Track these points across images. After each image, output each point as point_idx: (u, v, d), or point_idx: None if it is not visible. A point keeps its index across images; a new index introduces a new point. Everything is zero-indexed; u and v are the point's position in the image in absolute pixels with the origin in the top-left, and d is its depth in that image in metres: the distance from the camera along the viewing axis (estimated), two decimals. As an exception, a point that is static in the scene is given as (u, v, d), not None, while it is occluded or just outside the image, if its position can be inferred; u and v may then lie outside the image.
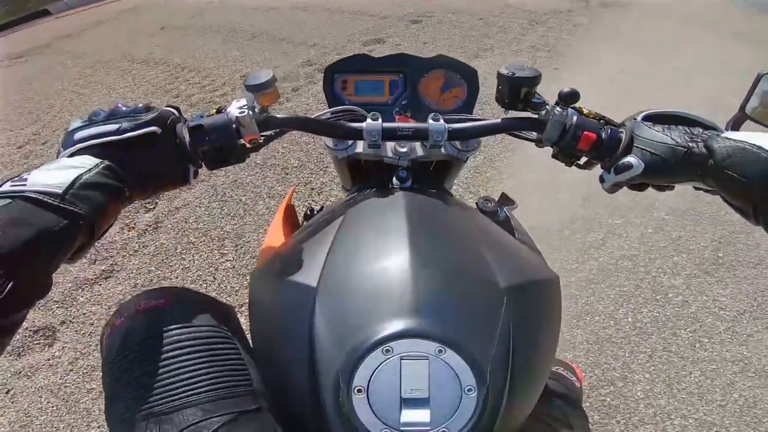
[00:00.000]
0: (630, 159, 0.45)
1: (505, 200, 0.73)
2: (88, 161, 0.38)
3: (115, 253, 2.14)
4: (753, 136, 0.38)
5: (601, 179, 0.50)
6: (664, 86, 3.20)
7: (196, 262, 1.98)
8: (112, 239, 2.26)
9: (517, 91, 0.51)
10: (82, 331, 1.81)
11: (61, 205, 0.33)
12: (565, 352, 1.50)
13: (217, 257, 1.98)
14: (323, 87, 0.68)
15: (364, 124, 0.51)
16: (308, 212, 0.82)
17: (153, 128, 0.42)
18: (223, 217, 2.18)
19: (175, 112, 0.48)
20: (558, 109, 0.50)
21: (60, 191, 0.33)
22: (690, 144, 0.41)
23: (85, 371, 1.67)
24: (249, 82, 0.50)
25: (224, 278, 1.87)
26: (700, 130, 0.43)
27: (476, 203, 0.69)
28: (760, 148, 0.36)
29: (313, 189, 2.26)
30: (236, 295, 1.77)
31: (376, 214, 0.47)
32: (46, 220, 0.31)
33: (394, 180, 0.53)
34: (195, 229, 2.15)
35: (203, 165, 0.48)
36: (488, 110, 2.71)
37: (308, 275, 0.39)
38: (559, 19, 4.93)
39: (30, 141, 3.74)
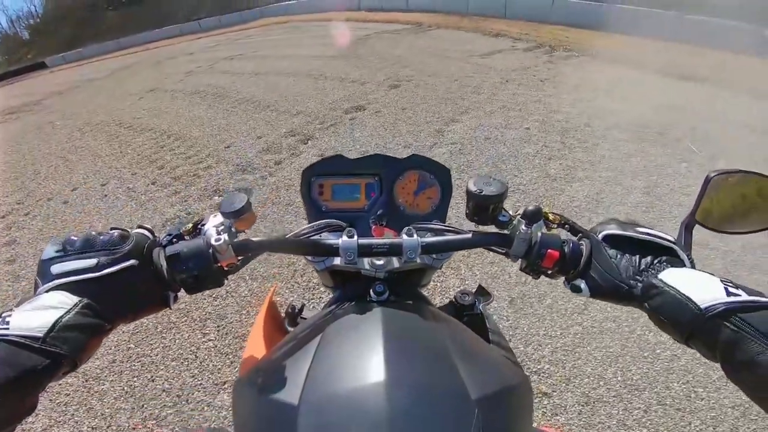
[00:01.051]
0: (581, 284, 0.48)
1: (482, 293, 0.71)
2: (67, 300, 0.38)
3: None
4: (689, 278, 0.40)
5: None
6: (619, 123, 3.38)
7: (177, 341, 1.95)
8: None
9: (485, 207, 0.53)
10: (56, 401, 1.75)
11: (43, 347, 0.34)
12: None
13: (199, 337, 1.95)
14: (300, 191, 0.69)
15: (339, 242, 0.51)
16: (290, 310, 0.80)
17: (131, 262, 0.42)
18: (204, 299, 2.14)
19: (149, 235, 0.48)
20: (523, 227, 0.50)
21: (41, 334, 0.34)
22: (631, 282, 0.44)
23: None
24: (224, 208, 0.50)
25: (206, 357, 1.84)
26: (649, 261, 0.44)
27: (454, 297, 0.67)
28: (688, 299, 0.38)
29: (296, 271, 2.25)
30: (219, 373, 1.75)
31: (353, 331, 0.48)
32: (29, 361, 0.33)
33: (372, 293, 0.54)
34: (176, 310, 2.06)
35: (181, 289, 0.48)
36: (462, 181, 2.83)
37: (290, 393, 0.41)
38: (526, 76, 5.29)
39: (13, 211, 3.70)
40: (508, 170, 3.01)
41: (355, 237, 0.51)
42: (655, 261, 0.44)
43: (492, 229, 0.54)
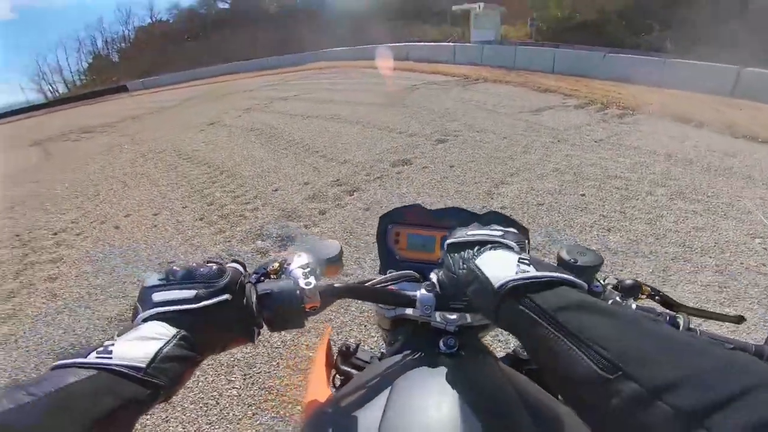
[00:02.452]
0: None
1: None
2: (165, 330, 0.40)
3: None
4: (494, 259, 0.41)
5: None
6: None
7: (199, 383, 1.88)
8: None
9: (577, 277, 0.52)
10: None
11: (145, 378, 0.36)
12: None
13: (223, 383, 1.88)
14: (376, 237, 0.70)
15: (418, 294, 0.52)
16: (344, 349, 0.79)
17: (225, 296, 0.44)
18: None
19: (242, 269, 0.50)
20: (617, 299, 0.51)
21: (143, 365, 0.36)
22: (459, 272, 0.46)
23: None
24: (316, 254, 0.53)
25: (228, 405, 1.76)
26: (474, 251, 0.46)
27: (513, 350, 0.66)
28: (488, 280, 0.39)
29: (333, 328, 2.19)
30: (238, 423, 1.67)
31: (425, 385, 0.48)
32: (131, 391, 0.35)
33: (441, 345, 0.54)
34: None
35: (264, 326, 0.50)
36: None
37: None
38: (579, 135, 5.11)
39: (67, 229, 3.95)
40: (562, 241, 2.81)
41: (434, 291, 0.52)
42: (480, 249, 0.45)
43: None
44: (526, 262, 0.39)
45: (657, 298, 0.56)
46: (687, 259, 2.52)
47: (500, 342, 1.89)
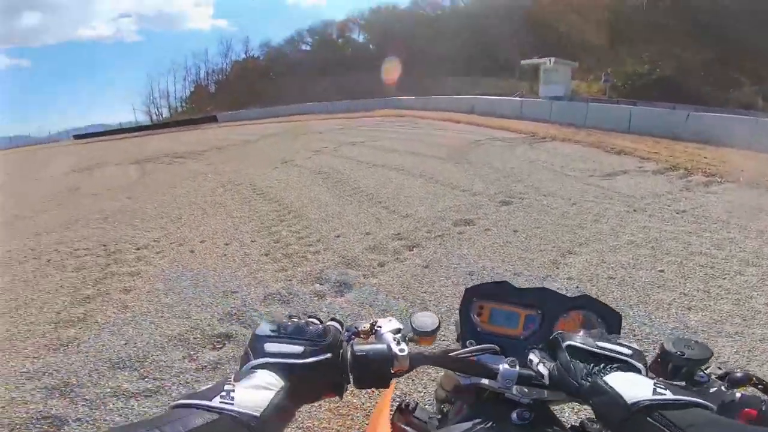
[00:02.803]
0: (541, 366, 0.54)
1: None
2: (276, 381, 0.44)
3: (167, 377, 2.19)
4: (627, 379, 0.44)
5: None
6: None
7: None
8: (170, 363, 2.30)
9: (679, 369, 0.55)
10: None
11: (258, 426, 0.39)
12: None
13: None
14: (460, 307, 0.71)
15: (500, 368, 0.54)
16: (403, 407, 0.79)
17: (328, 355, 0.48)
18: None
19: (340, 328, 0.55)
20: (723, 389, 0.52)
21: (258, 414, 0.39)
22: (581, 381, 0.47)
23: None
24: (418, 326, 0.58)
25: None
26: (601, 366, 0.47)
27: (581, 422, 0.66)
28: (620, 396, 0.41)
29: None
30: None
31: None
32: None
33: (515, 416, 0.54)
34: None
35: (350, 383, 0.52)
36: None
37: None
38: (659, 205, 4.70)
39: (148, 246, 4.37)
40: (636, 317, 2.54)
41: (517, 367, 0.54)
42: (606, 366, 0.47)
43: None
44: (662, 386, 0.41)
45: (760, 387, 0.56)
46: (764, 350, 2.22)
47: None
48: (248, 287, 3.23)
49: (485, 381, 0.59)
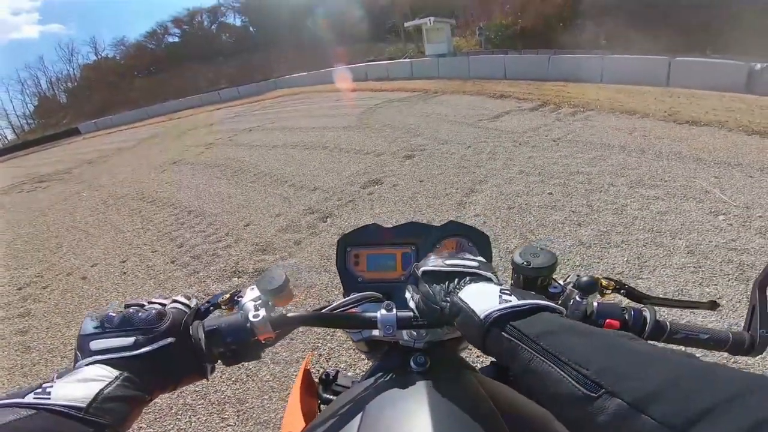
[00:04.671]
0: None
1: None
2: (107, 373, 0.40)
3: None
4: (478, 291, 0.42)
5: None
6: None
7: (193, 424, 1.86)
8: None
9: (533, 280, 0.53)
10: None
11: (87, 417, 0.36)
12: None
13: (216, 421, 1.85)
14: (336, 262, 0.68)
15: (378, 315, 0.51)
16: (324, 377, 0.78)
17: (168, 340, 0.44)
18: (223, 381, 2.06)
19: (185, 309, 0.50)
20: (577, 298, 0.50)
21: (84, 405, 0.36)
22: (442, 303, 0.45)
23: None
24: (263, 286, 0.52)
25: None
26: (455, 282, 0.46)
27: (492, 361, 0.67)
28: (473, 311, 0.40)
29: (321, 355, 2.10)
30: None
31: (397, 406, 0.47)
32: (73, 430, 0.35)
33: (412, 363, 0.53)
34: (192, 392, 2.03)
35: (219, 361, 0.49)
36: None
37: None
38: (538, 136, 5.34)
39: (31, 283, 3.74)
40: (538, 241, 2.91)
41: (394, 310, 0.51)
42: (459, 282, 0.45)
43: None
44: (507, 292, 0.40)
45: (622, 291, 0.54)
46: (659, 244, 2.64)
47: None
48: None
49: (375, 333, 0.56)
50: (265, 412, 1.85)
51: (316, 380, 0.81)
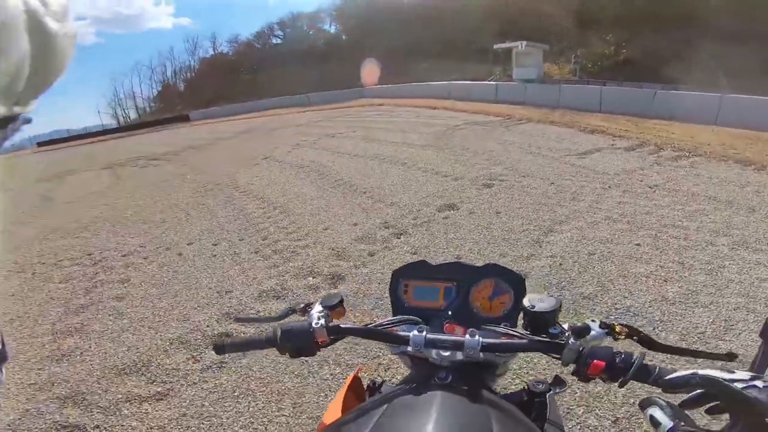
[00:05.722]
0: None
1: (558, 383, 0.75)
2: None
3: (175, 380, 2.22)
4: None
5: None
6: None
7: (250, 409, 1.98)
8: (176, 366, 2.34)
9: (537, 321, 0.63)
10: None
11: None
12: None
13: (273, 410, 1.96)
14: (389, 289, 0.81)
15: (411, 335, 0.63)
16: (371, 384, 0.86)
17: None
18: (287, 374, 2.19)
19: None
20: (572, 340, 0.57)
21: None
22: None
23: None
24: (325, 303, 0.70)
25: (275, 431, 1.85)
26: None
27: (527, 384, 0.72)
28: None
29: (380, 364, 2.21)
30: None
31: (411, 410, 0.55)
32: None
33: (436, 378, 0.61)
34: (257, 378, 2.18)
35: (287, 355, 0.66)
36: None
37: None
38: (632, 181, 4.90)
39: (134, 252, 4.30)
40: (616, 291, 2.68)
41: (425, 332, 0.63)
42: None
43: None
44: None
45: (635, 338, 0.59)
46: (751, 310, 2.38)
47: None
48: (242, 286, 3.25)
49: (410, 349, 0.65)
50: (318, 408, 1.94)
51: (365, 386, 0.92)
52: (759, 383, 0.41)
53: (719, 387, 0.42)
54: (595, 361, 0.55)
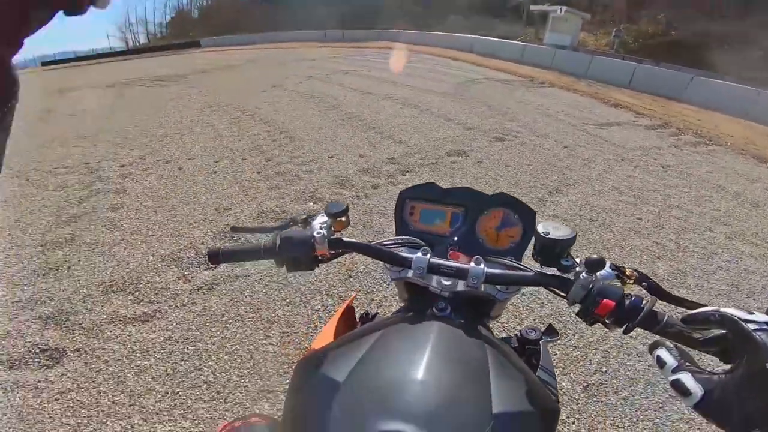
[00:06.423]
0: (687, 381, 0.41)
1: (550, 332, 0.74)
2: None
3: (163, 301, 2.12)
4: None
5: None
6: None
7: (237, 335, 1.92)
8: (166, 285, 2.26)
9: (550, 250, 0.57)
10: (92, 365, 1.78)
11: None
12: None
13: (261, 338, 1.91)
14: (395, 209, 0.77)
15: (413, 257, 0.59)
16: (364, 316, 0.86)
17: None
18: (278, 301, 2.13)
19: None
20: (584, 274, 0.53)
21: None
22: None
23: (73, 403, 1.62)
24: (328, 210, 0.64)
25: (261, 360, 1.78)
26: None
27: (519, 331, 0.72)
28: None
29: (373, 300, 2.20)
30: (268, 380, 1.70)
31: (407, 336, 0.54)
32: None
33: (434, 308, 0.59)
34: (247, 303, 2.11)
35: (284, 268, 0.63)
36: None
37: (338, 373, 0.49)
38: (646, 158, 4.81)
39: (133, 163, 4.22)
40: (611, 260, 2.68)
41: (429, 255, 0.59)
42: None
43: (556, 272, 0.57)
44: None
45: (644, 284, 0.55)
46: (733, 299, 2.40)
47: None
48: (241, 204, 3.22)
49: (410, 274, 0.62)
50: (307, 340, 1.89)
51: (357, 319, 0.89)
52: None
53: (732, 325, 0.40)
54: (604, 300, 0.50)
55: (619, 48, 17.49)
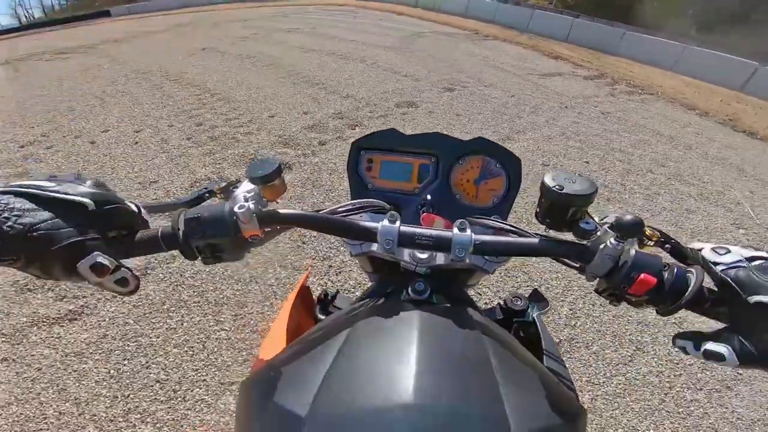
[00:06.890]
0: (721, 348, 0.35)
1: (537, 299, 0.65)
2: None
3: (89, 295, 1.85)
4: None
5: (684, 349, 0.38)
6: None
7: (184, 324, 1.70)
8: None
9: (563, 209, 0.43)
10: (23, 375, 1.53)
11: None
12: None
13: (211, 324, 1.70)
14: (347, 164, 0.62)
15: (379, 226, 0.43)
16: (322, 297, 0.73)
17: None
18: (225, 279, 1.90)
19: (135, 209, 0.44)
20: (612, 240, 0.39)
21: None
22: None
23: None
24: (251, 173, 0.45)
25: (216, 349, 1.59)
26: None
27: (504, 300, 0.62)
28: None
29: (331, 267, 1.99)
30: (227, 370, 1.53)
31: (383, 334, 0.42)
32: None
33: (410, 291, 0.47)
34: (190, 287, 1.88)
35: (199, 259, 0.41)
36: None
37: (299, 400, 0.36)
38: (587, 106, 4.97)
39: (35, 142, 3.61)
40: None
41: (398, 223, 0.43)
42: None
43: (567, 236, 0.43)
44: None
45: (667, 246, 0.43)
46: (677, 237, 2.52)
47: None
48: (171, 175, 2.86)
49: (375, 247, 0.51)
50: (264, 320, 1.73)
51: (315, 300, 0.75)
52: (746, 263, 0.34)
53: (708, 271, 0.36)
54: (643, 275, 0.37)
55: (557, 3, 17.85)
